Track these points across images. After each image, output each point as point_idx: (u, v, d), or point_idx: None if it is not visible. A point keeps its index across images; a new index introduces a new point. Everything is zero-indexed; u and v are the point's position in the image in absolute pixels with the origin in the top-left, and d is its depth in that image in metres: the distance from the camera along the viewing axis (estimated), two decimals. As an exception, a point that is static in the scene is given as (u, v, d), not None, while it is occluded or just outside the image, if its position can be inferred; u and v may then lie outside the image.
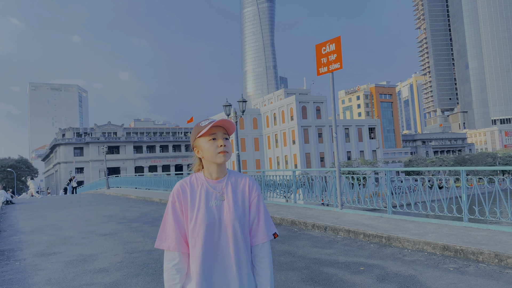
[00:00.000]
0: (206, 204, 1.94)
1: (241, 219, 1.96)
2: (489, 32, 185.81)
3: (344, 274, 5.42)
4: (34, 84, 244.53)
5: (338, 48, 9.86)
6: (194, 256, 1.91)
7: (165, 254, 1.96)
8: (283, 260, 6.29)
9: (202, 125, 1.98)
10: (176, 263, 1.93)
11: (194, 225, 1.91)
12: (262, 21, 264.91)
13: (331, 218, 9.27)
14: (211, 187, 1.99)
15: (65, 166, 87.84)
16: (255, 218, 2.03)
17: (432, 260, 5.92)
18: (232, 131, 2.00)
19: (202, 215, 1.92)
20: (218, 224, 1.93)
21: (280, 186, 13.47)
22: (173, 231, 1.95)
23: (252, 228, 2.02)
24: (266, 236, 2.01)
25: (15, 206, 19.86)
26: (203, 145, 1.98)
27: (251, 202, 2.03)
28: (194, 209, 1.94)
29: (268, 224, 2.04)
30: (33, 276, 6.08)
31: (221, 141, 1.95)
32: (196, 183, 2.01)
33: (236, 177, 2.07)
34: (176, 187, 2.01)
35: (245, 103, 14.42)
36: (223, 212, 1.95)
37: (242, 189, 2.03)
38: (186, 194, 1.97)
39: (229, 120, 1.96)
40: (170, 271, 1.93)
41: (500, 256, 5.50)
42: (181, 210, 1.97)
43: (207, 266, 1.90)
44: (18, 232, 10.71)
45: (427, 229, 7.37)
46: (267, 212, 2.08)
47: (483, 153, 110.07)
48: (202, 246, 1.90)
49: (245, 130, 74.70)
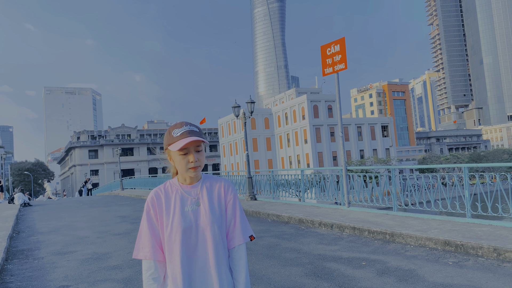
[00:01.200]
0: (182, 210, 1.94)
1: (218, 222, 1.96)
2: (504, 26, 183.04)
3: (346, 268, 5.63)
4: (49, 88, 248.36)
5: (343, 49, 10.04)
6: (172, 263, 1.90)
7: (143, 263, 1.95)
8: (288, 257, 6.52)
9: (173, 135, 1.93)
10: (152, 272, 1.93)
11: (171, 231, 1.90)
12: (273, 21, 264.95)
13: (338, 216, 9.46)
14: (186, 192, 1.99)
15: (80, 169, 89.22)
16: (231, 220, 2.01)
17: (433, 255, 6.09)
18: (206, 139, 1.95)
19: (177, 221, 1.91)
20: (195, 229, 1.92)
21: (289, 185, 13.67)
22: (149, 240, 1.94)
23: (228, 231, 2.01)
24: (242, 238, 2.00)
25: (33, 208, 20.41)
26: (174, 157, 1.95)
27: (227, 204, 2.02)
28: (169, 215, 1.93)
29: (244, 226, 2.03)
30: (51, 273, 6.40)
31: (192, 156, 1.92)
32: (170, 189, 2.01)
33: (211, 181, 2.06)
34: (151, 195, 2.00)
35: (253, 104, 14.66)
36: (200, 216, 1.94)
37: (218, 192, 2.02)
38: (161, 201, 1.97)
39: (197, 139, 1.90)
40: (147, 280, 1.93)
41: (498, 250, 5.65)
42: (156, 218, 1.96)
43: (186, 272, 1.89)
44: (36, 233, 11.11)
45: (431, 225, 7.52)
46: (244, 214, 2.07)
47: (499, 150, 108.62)
48: (180, 251, 1.88)
49: (257, 130, 74.95)
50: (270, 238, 8.17)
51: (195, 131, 1.94)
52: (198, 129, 1.97)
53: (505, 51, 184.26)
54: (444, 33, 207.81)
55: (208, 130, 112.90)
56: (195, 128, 1.96)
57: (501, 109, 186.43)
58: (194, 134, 1.92)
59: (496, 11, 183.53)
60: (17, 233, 11.31)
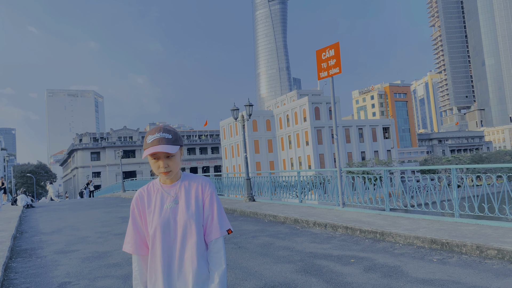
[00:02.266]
0: (161, 207, 2.09)
1: (195, 218, 2.08)
2: (506, 28, 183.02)
3: (334, 265, 5.88)
4: (51, 91, 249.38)
5: (337, 53, 10.30)
6: (154, 256, 2.06)
7: (132, 257, 2.18)
8: (281, 254, 6.78)
9: (147, 141, 2.04)
10: (136, 265, 2.14)
11: (151, 227, 2.06)
12: (275, 23, 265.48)
13: (332, 216, 9.72)
14: (165, 191, 2.13)
15: (83, 171, 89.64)
16: (208, 215, 2.13)
17: (419, 253, 6.34)
18: (174, 149, 2.01)
19: (157, 218, 2.06)
20: (173, 225, 2.06)
21: (288, 187, 13.91)
22: (133, 236, 2.12)
23: (206, 226, 2.13)
24: (219, 232, 2.11)
25: (35, 210, 20.71)
26: (149, 160, 2.08)
27: (205, 201, 2.14)
28: (151, 213, 2.10)
29: (221, 220, 2.14)
30: (53, 271, 6.68)
31: (162, 162, 2.03)
32: (153, 189, 2.17)
33: (190, 179, 2.19)
34: (135, 196, 2.18)
35: (252, 107, 14.92)
36: (178, 213, 2.08)
37: (196, 190, 2.14)
38: (144, 200, 2.14)
39: (164, 146, 1.99)
40: (133, 272, 2.15)
41: (481, 248, 5.89)
42: (139, 216, 2.14)
43: (166, 265, 2.04)
44: (39, 233, 11.40)
45: (420, 225, 7.77)
46: (222, 209, 2.18)
47: (501, 151, 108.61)
48: (160, 246, 2.04)
49: (258, 132, 75.23)
50: (265, 237, 8.43)
51: (167, 139, 2.01)
52: (172, 136, 2.05)
53: (507, 52, 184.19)
54: (446, 34, 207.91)
55: (210, 132, 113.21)
56: (168, 135, 2.04)
57: (503, 110, 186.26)
58: (164, 142, 2.00)
59: (498, 13, 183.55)
60: (21, 233, 11.61)
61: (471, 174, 8.08)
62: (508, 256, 5.57)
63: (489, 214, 7.40)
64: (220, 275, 2.07)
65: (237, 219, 11.75)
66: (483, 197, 7.90)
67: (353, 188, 11.03)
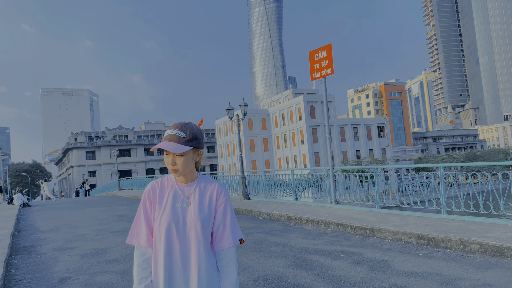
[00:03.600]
0: (173, 205, 2.04)
1: (205, 222, 2.04)
2: (499, 27, 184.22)
3: (325, 260, 6.13)
4: (46, 90, 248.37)
5: (329, 54, 10.54)
6: (157, 253, 2.03)
7: (135, 250, 2.08)
8: (274, 250, 7.02)
9: (164, 135, 2.04)
10: (146, 258, 2.06)
11: (159, 224, 2.02)
12: (270, 22, 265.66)
13: (324, 213, 9.98)
14: (180, 190, 2.09)
15: (78, 170, 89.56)
16: (220, 223, 2.09)
17: (406, 248, 6.60)
18: (180, 149, 1.97)
19: (167, 215, 2.02)
20: (182, 225, 2.02)
21: (285, 185, 14.14)
22: (144, 228, 2.07)
23: (218, 233, 2.08)
24: (231, 241, 2.07)
25: (32, 209, 20.84)
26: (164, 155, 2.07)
27: (218, 207, 2.10)
28: (161, 208, 2.04)
29: (235, 229, 2.11)
30: (53, 267, 6.89)
31: (170, 159, 2.01)
32: (166, 184, 2.12)
33: (206, 182, 2.15)
34: (148, 187, 2.12)
35: (246, 107, 15.16)
36: (188, 214, 2.03)
37: (210, 194, 2.10)
38: (156, 194, 2.08)
39: (170, 143, 1.97)
40: (141, 265, 2.05)
41: (465, 242, 6.16)
42: (150, 208, 2.08)
43: (168, 263, 2.00)
44: (37, 231, 11.58)
45: (408, 221, 8.04)
46: (235, 218, 2.15)
47: (495, 150, 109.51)
48: (164, 244, 2.00)
49: (254, 130, 75.48)
50: (259, 234, 8.68)
51: (179, 137, 1.98)
52: (186, 135, 2.00)
53: (501, 51, 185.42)
54: (441, 33, 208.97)
55: (206, 131, 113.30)
56: (183, 133, 2.00)
57: (497, 109, 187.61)
58: (175, 140, 1.97)
59: (492, 12, 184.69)
60: (19, 231, 11.77)
61: (466, 172, 8.34)
62: (490, 250, 5.84)
63: (474, 210, 7.68)
64: (233, 284, 2.06)
65: (232, 216, 11.97)
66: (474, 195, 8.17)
67: (345, 186, 11.28)
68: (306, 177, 13.34)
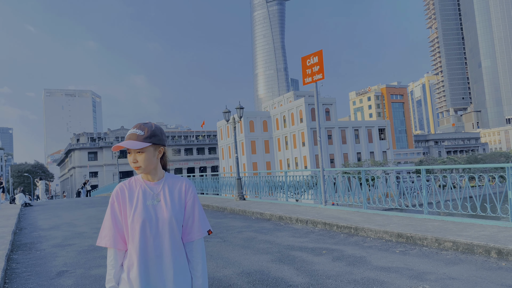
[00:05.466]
0: (144, 203, 2.12)
1: (176, 217, 2.13)
2: (502, 30, 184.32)
3: (307, 256, 6.50)
4: (49, 90, 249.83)
5: (321, 60, 10.93)
6: (132, 250, 2.09)
7: (107, 251, 2.16)
8: (261, 247, 7.40)
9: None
10: (112, 259, 2.13)
11: (132, 221, 2.09)
12: (272, 24, 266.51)
13: (314, 213, 10.34)
14: (149, 188, 2.18)
15: (80, 171, 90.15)
16: (190, 217, 2.20)
17: (386, 245, 6.97)
18: (138, 145, 2.06)
19: (139, 213, 2.09)
20: (155, 221, 2.10)
21: (274, 186, 14.52)
22: (111, 229, 2.12)
23: (187, 226, 2.20)
24: (200, 233, 2.20)
25: (33, 208, 21.26)
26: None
27: (187, 202, 2.20)
28: (132, 207, 2.11)
29: (203, 222, 2.23)
30: (52, 261, 7.28)
31: (132, 157, 2.11)
32: (135, 184, 2.20)
33: (173, 179, 2.25)
34: (116, 189, 2.19)
35: (242, 109, 15.56)
36: (159, 211, 2.12)
37: (179, 190, 2.21)
38: (125, 194, 2.15)
39: (129, 142, 2.07)
40: (108, 266, 2.14)
41: (439, 240, 6.52)
42: (119, 210, 2.15)
43: (143, 259, 2.06)
44: (38, 229, 11.98)
45: (392, 221, 8.40)
46: (202, 211, 2.26)
47: (496, 153, 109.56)
48: (139, 240, 2.07)
49: (255, 132, 75.89)
50: (250, 233, 9.05)
51: (137, 135, 2.10)
52: (144, 133, 2.11)
53: (503, 55, 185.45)
54: (443, 36, 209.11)
55: (208, 132, 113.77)
56: (141, 131, 2.11)
57: (499, 112, 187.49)
58: (134, 138, 2.09)
59: (495, 15, 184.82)
60: (20, 229, 12.18)
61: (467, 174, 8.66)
62: (461, 247, 6.20)
63: (453, 211, 8.04)
64: (202, 275, 2.19)
65: (227, 216, 12.36)
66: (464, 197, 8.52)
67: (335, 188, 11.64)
68: (299, 178, 13.70)
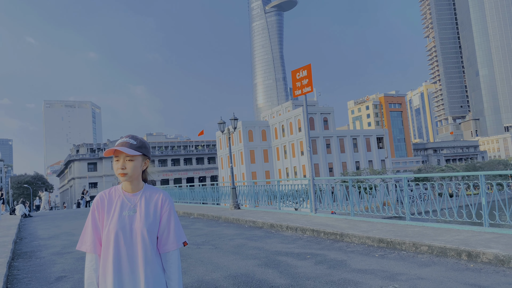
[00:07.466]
0: (120, 214, 2.20)
1: (150, 228, 2.20)
2: (498, 38, 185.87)
3: (292, 260, 6.89)
4: (48, 102, 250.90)
5: (309, 74, 11.39)
6: (106, 258, 2.15)
7: (86, 256, 2.22)
8: (250, 253, 7.78)
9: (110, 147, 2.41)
10: (92, 264, 2.20)
11: (107, 231, 2.16)
12: (271, 34, 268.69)
13: (304, 221, 10.73)
14: (126, 199, 2.25)
15: (79, 181, 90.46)
16: (165, 229, 2.26)
17: (367, 250, 7.35)
18: (133, 152, 2.17)
19: (114, 223, 2.16)
20: (129, 231, 2.17)
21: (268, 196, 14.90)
22: (91, 235, 2.20)
23: (163, 238, 2.25)
24: (175, 244, 2.26)
25: (33, 219, 21.62)
26: (112, 163, 2.26)
27: (162, 214, 2.27)
28: (109, 217, 2.20)
29: (178, 234, 2.29)
30: (51, 268, 7.66)
31: (120, 163, 2.18)
32: (114, 194, 2.28)
33: (151, 191, 2.32)
34: (96, 198, 2.28)
35: (236, 120, 16.05)
36: (135, 221, 2.19)
37: (155, 203, 2.28)
38: (104, 203, 2.24)
39: (124, 148, 2.16)
40: (88, 270, 2.20)
41: (416, 245, 6.91)
42: (99, 217, 2.23)
43: (117, 267, 2.13)
44: (37, 239, 12.35)
45: (375, 227, 8.80)
46: (178, 223, 2.33)
47: (495, 161, 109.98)
48: (113, 249, 2.13)
49: (254, 142, 76.38)
50: (241, 240, 9.44)
51: (130, 143, 2.20)
52: (137, 143, 2.23)
53: (500, 63, 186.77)
54: (440, 45, 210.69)
55: (207, 142, 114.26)
56: (133, 141, 2.23)
57: (498, 120, 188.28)
58: (127, 146, 2.19)
59: (491, 24, 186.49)
60: (20, 239, 12.55)
61: (467, 181, 9.07)
62: (436, 251, 6.59)
63: (433, 217, 8.45)
64: (178, 283, 2.26)
65: (221, 225, 12.74)
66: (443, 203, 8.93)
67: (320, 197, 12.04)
68: (305, 187, 13.99)
